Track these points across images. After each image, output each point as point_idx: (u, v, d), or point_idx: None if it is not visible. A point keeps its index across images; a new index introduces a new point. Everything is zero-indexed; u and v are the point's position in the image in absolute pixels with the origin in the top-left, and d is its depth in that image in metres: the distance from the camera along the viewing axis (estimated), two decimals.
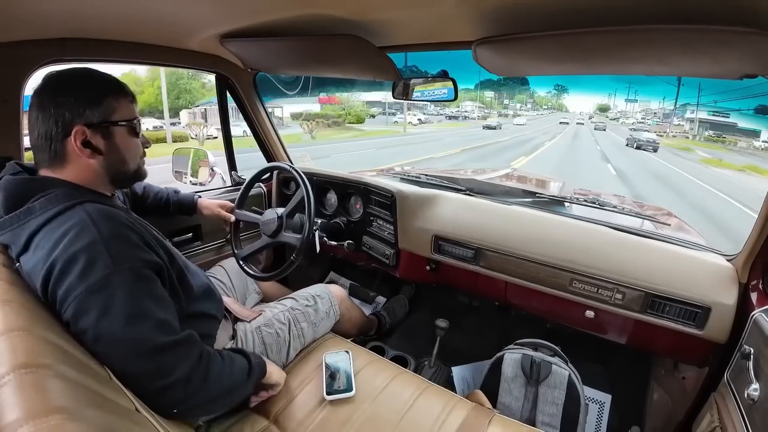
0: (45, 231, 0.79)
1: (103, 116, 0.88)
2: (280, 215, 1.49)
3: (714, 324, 1.14)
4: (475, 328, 2.03)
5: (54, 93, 0.84)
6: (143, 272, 0.83)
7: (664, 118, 61.78)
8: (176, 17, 1.11)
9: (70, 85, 0.86)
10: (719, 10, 0.71)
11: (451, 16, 0.98)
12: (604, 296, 1.29)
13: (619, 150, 22.04)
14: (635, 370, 1.69)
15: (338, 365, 1.23)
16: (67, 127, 0.84)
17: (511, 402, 1.37)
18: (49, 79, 0.87)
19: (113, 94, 0.90)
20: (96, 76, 0.91)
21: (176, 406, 0.82)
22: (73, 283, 0.75)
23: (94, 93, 0.87)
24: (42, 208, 0.81)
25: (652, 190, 10.91)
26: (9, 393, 0.50)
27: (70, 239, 0.77)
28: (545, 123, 43.16)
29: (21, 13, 0.94)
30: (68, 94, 0.84)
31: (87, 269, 0.75)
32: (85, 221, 0.79)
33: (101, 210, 0.83)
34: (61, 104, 0.83)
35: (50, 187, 0.84)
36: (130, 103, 0.94)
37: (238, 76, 1.78)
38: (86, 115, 0.85)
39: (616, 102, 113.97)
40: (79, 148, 0.85)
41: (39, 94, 0.85)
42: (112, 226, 0.82)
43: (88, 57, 1.24)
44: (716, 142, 34.24)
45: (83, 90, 0.86)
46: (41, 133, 0.84)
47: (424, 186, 1.87)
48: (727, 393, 1.00)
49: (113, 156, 0.91)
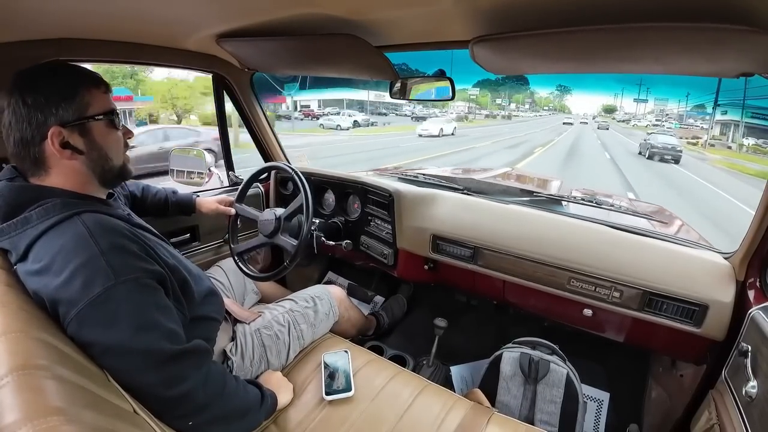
0: (42, 243, 0.77)
1: (78, 112, 0.83)
2: (278, 217, 1.49)
3: (711, 322, 1.15)
4: (473, 327, 2.04)
5: (22, 93, 0.79)
6: (146, 282, 0.81)
7: (686, 120, 48.49)
8: (173, 17, 1.11)
9: (38, 82, 0.81)
10: (716, 8, 0.71)
11: (448, 14, 0.98)
12: (602, 294, 1.29)
13: (637, 162, 15.55)
14: (633, 368, 1.69)
15: (337, 365, 1.23)
16: (42, 129, 0.80)
17: (510, 400, 1.37)
18: (16, 79, 0.81)
19: (85, 87, 0.85)
20: (64, 70, 0.86)
21: (191, 418, 0.82)
22: (74, 299, 0.72)
23: (65, 88, 0.82)
24: (38, 218, 0.79)
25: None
26: (8, 394, 0.50)
27: (67, 254, 0.75)
28: (535, 127, 36.01)
29: (17, 14, 0.93)
30: (37, 93, 0.80)
31: (87, 284, 0.73)
32: (82, 233, 0.77)
33: (99, 221, 0.81)
34: (31, 105, 0.79)
35: (47, 196, 0.81)
36: (104, 93, 0.88)
37: (235, 76, 1.77)
38: (60, 114, 0.81)
39: (623, 103, 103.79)
40: (58, 150, 0.81)
41: (8, 97, 0.80)
42: (110, 237, 0.79)
43: (85, 57, 1.24)
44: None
45: (53, 86, 0.81)
46: (17, 139, 0.81)
47: (422, 185, 1.87)
48: (725, 390, 1.01)
49: (95, 153, 0.87)
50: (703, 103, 47.52)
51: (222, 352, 1.16)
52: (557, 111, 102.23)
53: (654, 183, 11.41)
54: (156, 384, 0.77)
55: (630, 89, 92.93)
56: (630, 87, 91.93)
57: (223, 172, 1.97)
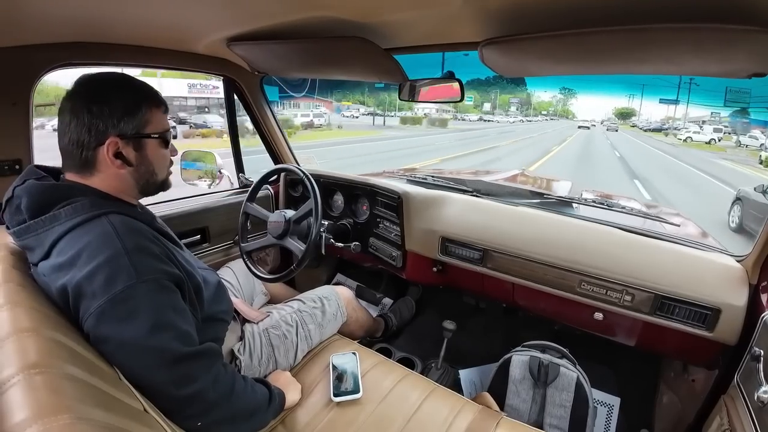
0: (68, 239, 0.79)
1: (137, 128, 0.87)
2: (288, 219, 1.49)
3: (724, 326, 1.13)
4: (482, 330, 2.03)
5: (88, 100, 0.83)
6: (165, 284, 0.82)
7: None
8: (184, 21, 1.12)
9: (104, 93, 0.85)
10: (726, 8, 0.70)
11: (457, 16, 0.98)
12: (613, 298, 1.28)
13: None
14: (644, 372, 1.67)
15: (345, 367, 1.23)
16: (101, 137, 0.83)
17: (519, 404, 1.37)
18: (83, 83, 0.85)
19: (147, 105, 0.88)
20: (131, 86, 0.89)
21: (200, 418, 0.83)
22: (96, 293, 0.74)
23: (129, 104, 0.86)
24: (67, 216, 0.80)
25: None
26: (18, 392, 0.51)
27: (93, 250, 0.77)
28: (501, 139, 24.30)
29: (31, 17, 0.95)
30: (102, 103, 0.83)
31: (110, 280, 0.75)
32: (109, 232, 0.79)
33: (125, 222, 0.83)
34: (95, 113, 0.82)
35: (77, 195, 0.83)
36: (163, 113, 0.93)
37: (245, 79, 1.79)
38: (120, 127, 0.84)
39: (641, 106, 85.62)
40: (111, 159, 0.84)
41: (72, 99, 0.83)
42: (135, 238, 0.81)
43: (97, 60, 1.26)
44: None
45: (118, 100, 0.85)
46: (72, 139, 0.83)
47: (431, 187, 1.87)
48: (737, 395, 0.99)
49: (143, 167, 0.91)
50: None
51: (230, 351, 1.17)
52: (560, 116, 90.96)
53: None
54: (167, 383, 0.78)
55: (649, 92, 77.36)
56: (648, 90, 77.03)
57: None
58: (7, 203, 0.86)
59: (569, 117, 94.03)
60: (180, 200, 1.72)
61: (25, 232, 0.82)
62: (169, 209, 1.60)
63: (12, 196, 0.85)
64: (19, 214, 0.83)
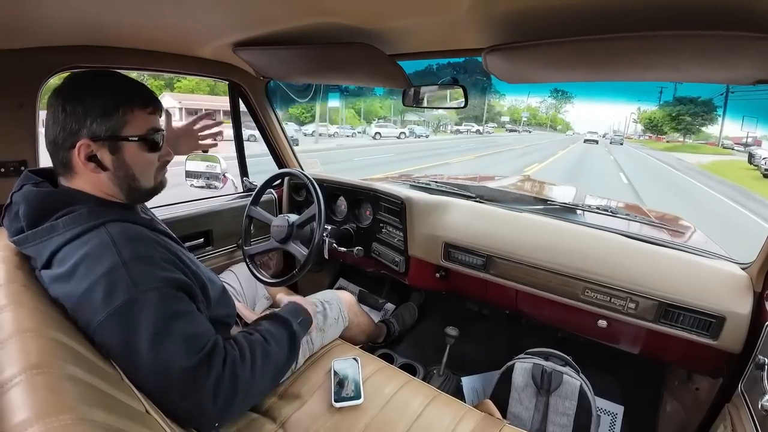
0: (66, 250, 0.78)
1: (112, 130, 0.82)
2: (291, 223, 1.50)
3: (728, 334, 1.12)
4: (484, 337, 2.02)
5: (65, 99, 0.80)
6: (167, 292, 0.80)
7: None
8: (190, 26, 1.13)
9: (83, 92, 0.82)
10: (730, 15, 0.70)
11: (461, 23, 0.98)
12: (617, 305, 1.27)
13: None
14: (648, 380, 1.66)
15: (347, 372, 1.22)
16: (73, 138, 0.80)
17: (522, 412, 1.36)
18: (66, 81, 0.83)
19: (128, 105, 0.83)
20: (113, 85, 0.85)
21: (214, 419, 0.83)
22: (96, 309, 0.73)
23: (106, 104, 0.81)
24: (65, 227, 0.79)
25: None
26: (20, 393, 0.51)
27: (90, 262, 0.76)
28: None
29: (38, 21, 0.95)
30: (78, 103, 0.80)
31: (109, 294, 0.74)
32: (106, 243, 0.78)
33: (124, 230, 0.81)
34: (68, 113, 0.80)
35: (74, 203, 0.82)
36: (149, 114, 0.88)
37: (250, 84, 1.80)
38: (93, 128, 0.81)
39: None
40: (83, 161, 0.81)
41: (53, 96, 0.81)
42: (133, 247, 0.79)
43: (103, 64, 1.26)
44: None
45: (95, 99, 0.81)
46: (50, 138, 0.82)
47: (434, 193, 1.87)
48: (741, 404, 0.98)
49: (121, 172, 0.86)
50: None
51: None
52: (549, 127, 75.95)
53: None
54: (172, 391, 0.77)
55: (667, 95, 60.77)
56: (667, 93, 60.77)
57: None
58: (6, 209, 0.85)
59: (565, 130, 79.74)
60: (184, 203, 1.73)
61: (23, 241, 0.81)
62: (173, 212, 1.61)
63: (11, 203, 0.85)
64: (18, 221, 0.82)
